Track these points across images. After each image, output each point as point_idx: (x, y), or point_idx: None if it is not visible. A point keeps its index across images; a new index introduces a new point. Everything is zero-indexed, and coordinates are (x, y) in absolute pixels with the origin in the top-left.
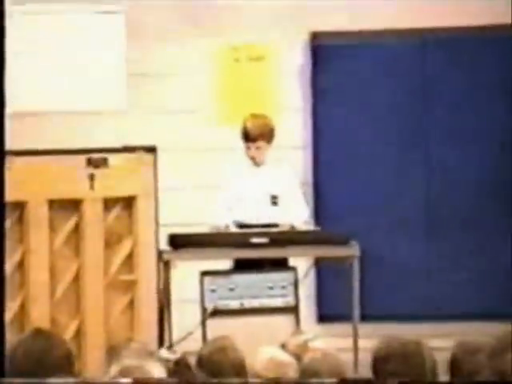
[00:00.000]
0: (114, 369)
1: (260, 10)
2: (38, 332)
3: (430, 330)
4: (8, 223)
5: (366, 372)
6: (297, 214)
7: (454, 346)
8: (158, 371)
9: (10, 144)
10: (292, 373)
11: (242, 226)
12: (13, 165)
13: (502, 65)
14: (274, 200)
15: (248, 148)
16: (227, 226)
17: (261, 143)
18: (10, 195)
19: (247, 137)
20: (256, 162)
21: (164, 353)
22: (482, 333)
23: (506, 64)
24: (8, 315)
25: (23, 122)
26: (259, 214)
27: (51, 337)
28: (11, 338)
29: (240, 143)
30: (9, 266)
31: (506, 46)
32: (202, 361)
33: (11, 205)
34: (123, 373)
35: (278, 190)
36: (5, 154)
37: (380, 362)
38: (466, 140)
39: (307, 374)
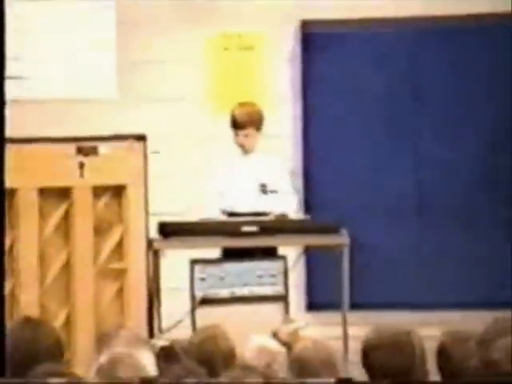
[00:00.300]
0: (104, 357)
1: None
2: (27, 320)
3: (420, 318)
4: None
5: (356, 360)
6: (287, 202)
7: (442, 334)
8: (147, 359)
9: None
10: (282, 361)
11: (231, 214)
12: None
13: (496, 55)
14: (264, 188)
15: (237, 135)
16: (223, 212)
17: (249, 130)
18: None
19: (236, 124)
20: (245, 150)
21: (157, 341)
22: (473, 322)
23: (500, 54)
24: None
25: (12, 109)
26: (248, 202)
27: (40, 325)
28: None
29: (230, 131)
30: None
31: (500, 35)
32: (191, 349)
33: None
34: (113, 361)
35: (268, 178)
36: (4, 144)
37: (370, 351)
38: (456, 129)
39: (298, 363)
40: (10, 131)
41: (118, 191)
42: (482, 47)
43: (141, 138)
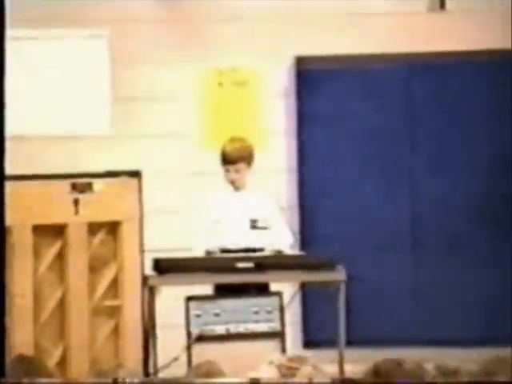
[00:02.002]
0: None
1: (245, 34)
2: (21, 358)
3: (416, 355)
4: None
5: None
6: (282, 238)
7: (432, 369)
8: None
9: None
10: None
11: (224, 250)
12: None
13: (488, 91)
14: (254, 224)
15: (227, 171)
16: (212, 252)
17: (240, 165)
18: None
19: (226, 159)
20: (236, 186)
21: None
22: (469, 358)
23: (492, 90)
24: None
25: (8, 146)
26: (239, 238)
27: (33, 362)
28: None
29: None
30: None
31: (491, 72)
32: None
33: None
34: None
35: (258, 214)
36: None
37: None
38: (451, 166)
39: None
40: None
41: (112, 228)
42: (475, 83)
43: (135, 174)
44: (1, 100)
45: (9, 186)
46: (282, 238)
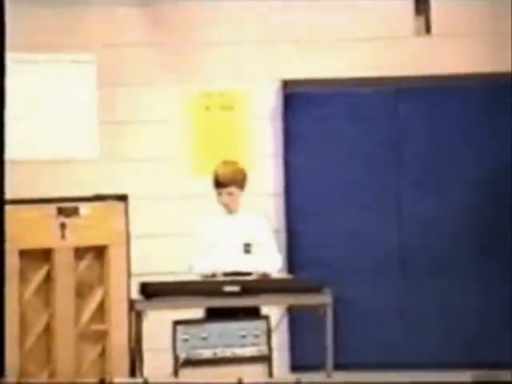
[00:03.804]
0: None
1: (232, 57)
2: None
3: (405, 378)
4: None
5: None
6: (270, 262)
7: None
8: None
9: None
10: None
11: (213, 274)
12: None
13: (474, 114)
14: (248, 248)
15: (220, 194)
16: (207, 276)
17: (232, 189)
18: None
19: (218, 183)
20: (229, 210)
21: None
22: (457, 382)
23: (479, 113)
24: None
25: None
26: (232, 262)
27: None
28: None
29: (213, 191)
30: None
31: (478, 95)
32: None
33: None
34: None
35: (252, 238)
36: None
37: None
38: (439, 189)
39: None
40: None
41: (99, 252)
42: (461, 106)
43: (122, 197)
44: (1, 124)
45: None
46: (271, 262)
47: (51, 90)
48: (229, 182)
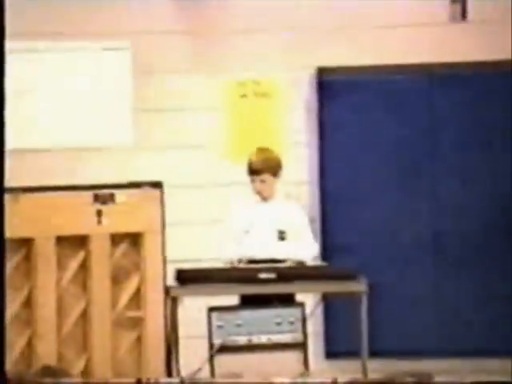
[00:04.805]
0: None
1: (267, 45)
2: (46, 369)
3: (440, 366)
4: (15, 260)
5: None
6: (306, 249)
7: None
8: None
9: (17, 180)
10: None
11: (249, 261)
12: (20, 201)
13: (510, 101)
14: (282, 235)
15: (253, 181)
16: (240, 261)
17: (265, 176)
18: (17, 232)
19: (252, 170)
20: (263, 197)
21: None
22: (494, 370)
23: None
24: (15, 351)
25: (31, 158)
26: (267, 249)
27: (58, 373)
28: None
29: (248, 179)
30: (16, 303)
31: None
32: None
33: (18, 241)
34: None
35: (286, 225)
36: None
37: None
38: (473, 176)
39: None
40: (26, 180)
41: (135, 239)
42: (497, 92)
43: (157, 185)
44: (1, 111)
45: (32, 197)
46: (306, 249)
47: (87, 78)
48: (262, 169)
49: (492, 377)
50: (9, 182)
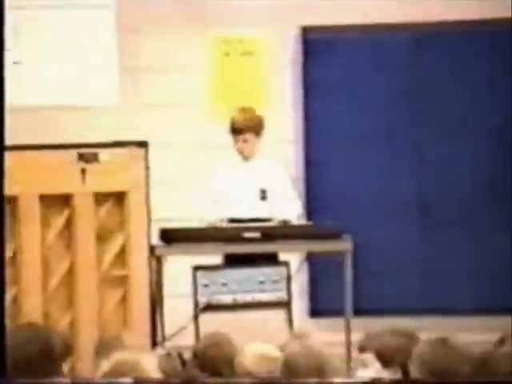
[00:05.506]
0: (107, 364)
1: (251, 3)
2: (31, 324)
3: (424, 324)
4: None
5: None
6: (289, 208)
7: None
8: (151, 365)
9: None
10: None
11: (232, 220)
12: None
13: (495, 60)
14: (264, 194)
15: (236, 141)
16: (223, 221)
17: (248, 136)
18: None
19: (234, 129)
20: (244, 156)
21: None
22: (478, 327)
23: (500, 59)
24: None
25: (13, 117)
26: (248, 208)
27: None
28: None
29: (231, 138)
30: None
31: (499, 40)
32: (196, 355)
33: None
34: (116, 367)
35: (268, 184)
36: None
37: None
38: (460, 136)
39: (285, 367)
40: (10, 138)
41: (119, 198)
42: (481, 52)
43: (142, 144)
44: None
45: (16, 155)
46: (290, 208)
47: (70, 36)
48: (244, 128)
49: (477, 335)
50: None
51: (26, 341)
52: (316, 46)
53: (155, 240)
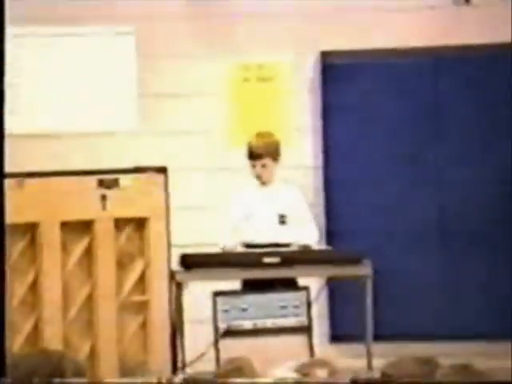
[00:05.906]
0: None
1: (271, 29)
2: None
3: (444, 349)
4: (21, 245)
5: None
6: (308, 233)
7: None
8: None
9: (22, 165)
10: None
11: (251, 245)
12: (25, 186)
13: None
14: (282, 219)
15: (253, 166)
16: (241, 246)
17: (266, 161)
18: (22, 217)
19: (252, 154)
20: (263, 181)
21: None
22: (501, 353)
23: None
24: (21, 336)
25: (36, 143)
26: (267, 233)
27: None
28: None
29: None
30: (22, 287)
31: None
32: (218, 381)
33: (23, 226)
34: None
35: (287, 209)
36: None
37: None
38: (478, 156)
39: None
40: (31, 165)
41: (139, 224)
42: (501, 75)
43: (161, 170)
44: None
45: (37, 182)
46: (309, 233)
47: (91, 63)
48: (262, 153)
49: (496, 361)
50: (14, 167)
51: (36, 365)
52: (335, 70)
53: (175, 266)
